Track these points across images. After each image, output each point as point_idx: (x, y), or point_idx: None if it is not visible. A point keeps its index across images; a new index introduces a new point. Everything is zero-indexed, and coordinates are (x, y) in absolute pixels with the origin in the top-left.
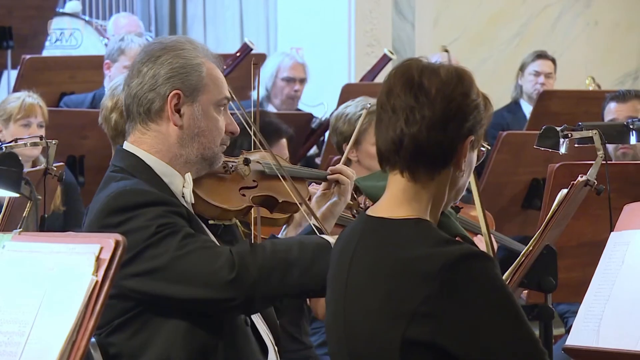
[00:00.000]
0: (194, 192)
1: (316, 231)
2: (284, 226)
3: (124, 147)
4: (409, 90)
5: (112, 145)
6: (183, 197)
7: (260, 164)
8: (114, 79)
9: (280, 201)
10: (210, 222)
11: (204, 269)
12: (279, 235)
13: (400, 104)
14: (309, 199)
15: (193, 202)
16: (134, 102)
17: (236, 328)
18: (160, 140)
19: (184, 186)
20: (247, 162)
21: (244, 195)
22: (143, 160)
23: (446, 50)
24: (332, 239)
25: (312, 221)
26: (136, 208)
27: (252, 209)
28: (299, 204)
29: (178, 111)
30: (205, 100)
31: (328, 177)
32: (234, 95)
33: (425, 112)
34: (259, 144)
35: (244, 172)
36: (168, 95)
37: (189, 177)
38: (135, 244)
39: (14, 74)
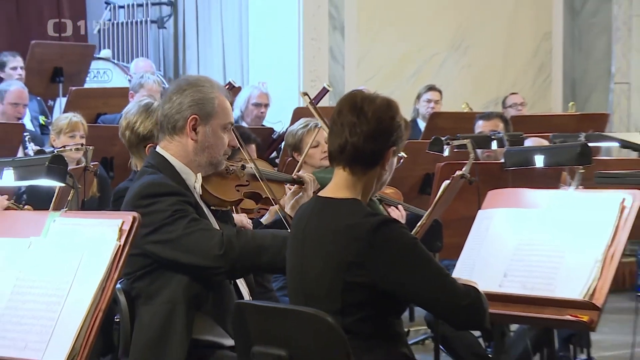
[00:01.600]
0: (202, 186)
1: (283, 219)
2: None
3: (156, 149)
4: (353, 111)
5: (130, 153)
6: (194, 189)
7: (252, 169)
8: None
9: (263, 197)
10: (212, 207)
11: (202, 245)
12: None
13: (346, 120)
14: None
15: (201, 193)
16: (165, 119)
17: (221, 284)
18: (181, 149)
19: (195, 181)
20: (243, 167)
21: (238, 190)
22: (169, 161)
23: (305, 94)
24: None
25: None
26: (160, 196)
27: (242, 201)
28: (272, 199)
29: (195, 130)
30: (215, 124)
31: (295, 178)
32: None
33: (363, 127)
34: (246, 155)
35: (240, 174)
36: (188, 118)
37: (199, 175)
38: (157, 220)
39: (64, 100)
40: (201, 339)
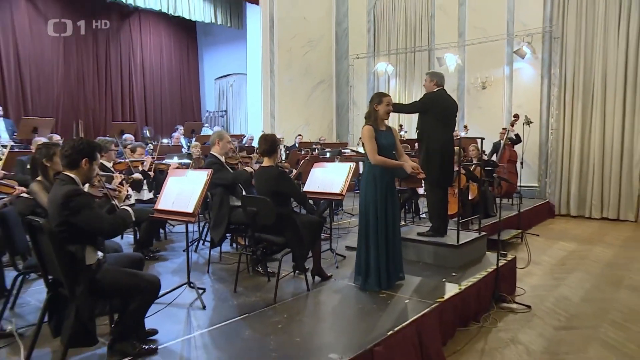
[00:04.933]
0: (225, 161)
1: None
2: None
3: (211, 151)
4: (264, 139)
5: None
6: (223, 160)
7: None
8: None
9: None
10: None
11: (227, 178)
12: None
13: (263, 141)
14: None
15: (224, 161)
16: (211, 141)
17: (236, 187)
18: (216, 150)
19: (223, 158)
20: (234, 152)
21: (231, 159)
22: (214, 154)
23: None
24: None
25: None
26: (214, 164)
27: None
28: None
29: (219, 143)
30: (224, 142)
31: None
32: None
33: (267, 144)
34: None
35: (235, 156)
36: (217, 139)
37: (223, 157)
38: (214, 169)
39: (194, 140)
40: (231, 204)
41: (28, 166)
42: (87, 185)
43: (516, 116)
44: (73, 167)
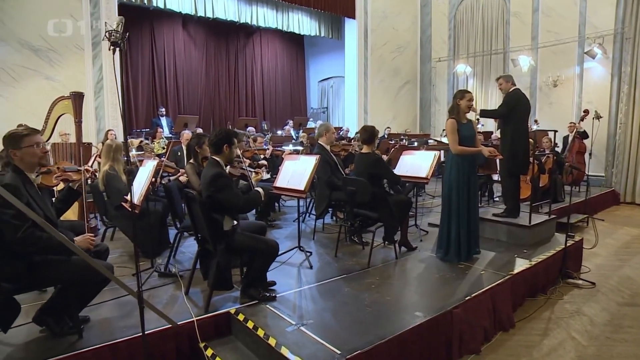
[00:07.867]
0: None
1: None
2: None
3: (319, 141)
4: (364, 130)
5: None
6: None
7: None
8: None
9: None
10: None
11: None
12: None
13: (364, 131)
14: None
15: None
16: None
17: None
18: (323, 141)
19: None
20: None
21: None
22: (323, 145)
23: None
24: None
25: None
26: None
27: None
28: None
29: (325, 136)
30: (329, 134)
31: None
32: None
33: (367, 133)
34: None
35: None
36: (323, 132)
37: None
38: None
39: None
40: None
41: (179, 153)
42: (228, 166)
43: (586, 111)
44: (218, 151)
